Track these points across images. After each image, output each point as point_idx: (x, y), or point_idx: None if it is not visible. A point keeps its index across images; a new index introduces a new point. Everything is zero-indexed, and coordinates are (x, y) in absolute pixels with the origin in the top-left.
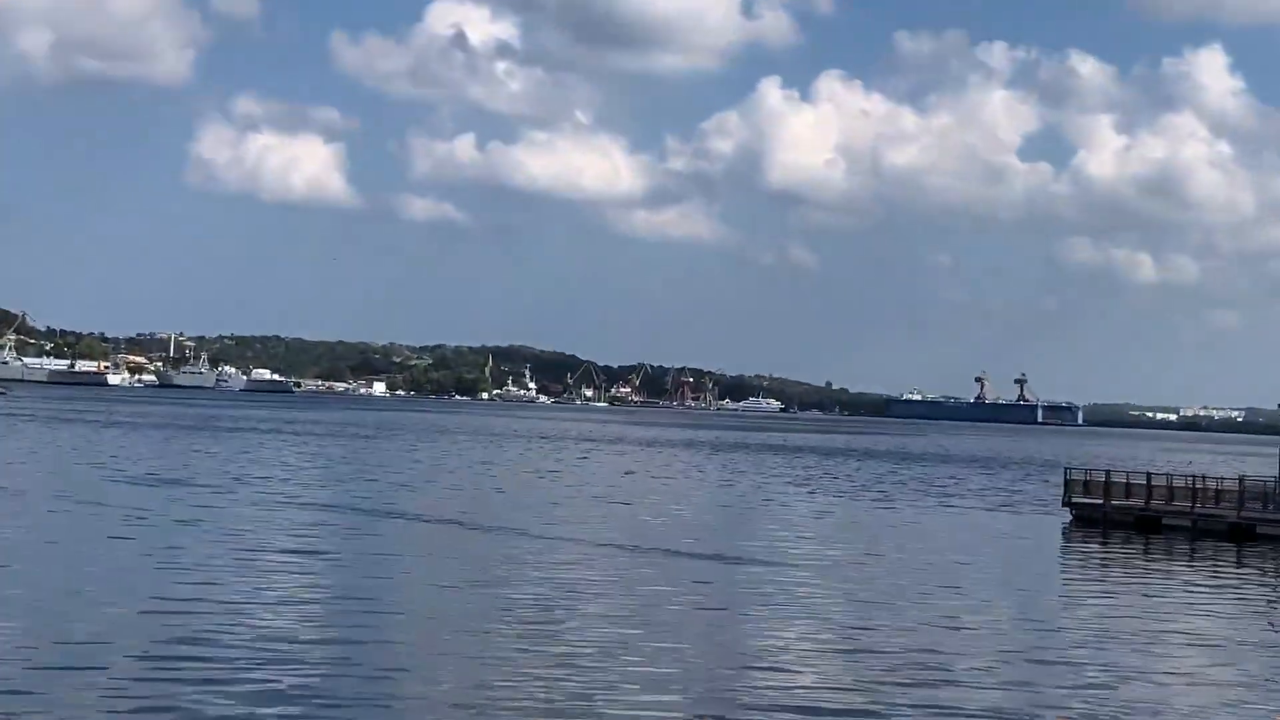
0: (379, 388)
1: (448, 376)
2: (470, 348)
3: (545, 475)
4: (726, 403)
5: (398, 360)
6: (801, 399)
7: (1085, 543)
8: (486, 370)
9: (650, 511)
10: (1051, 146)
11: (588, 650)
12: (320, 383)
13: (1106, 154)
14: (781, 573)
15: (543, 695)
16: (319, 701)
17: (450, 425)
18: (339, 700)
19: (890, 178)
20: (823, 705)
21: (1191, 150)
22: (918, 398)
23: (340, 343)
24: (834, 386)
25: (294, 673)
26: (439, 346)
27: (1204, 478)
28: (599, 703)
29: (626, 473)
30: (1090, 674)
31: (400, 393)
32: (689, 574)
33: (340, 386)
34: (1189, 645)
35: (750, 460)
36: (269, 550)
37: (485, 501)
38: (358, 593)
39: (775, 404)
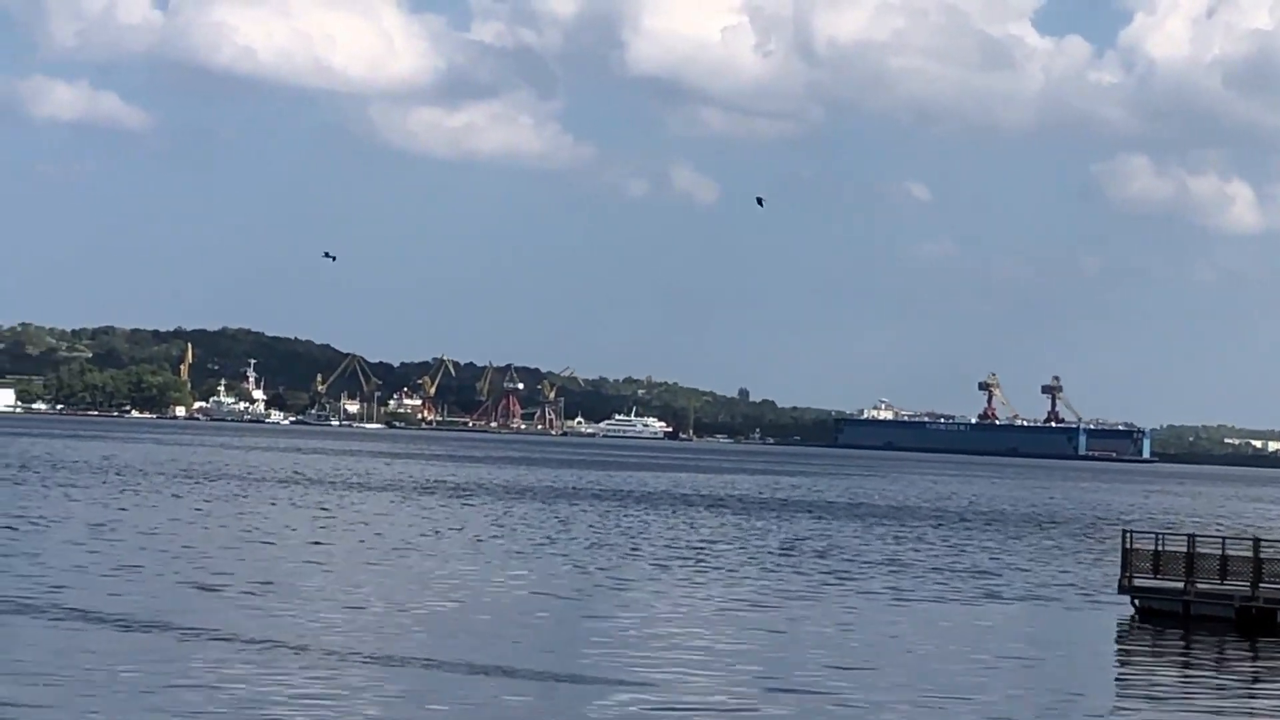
0: (2, 397)
1: (119, 379)
2: (156, 332)
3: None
4: (579, 423)
5: (35, 352)
6: (700, 418)
7: (1157, 654)
8: (184, 369)
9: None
10: (1089, 10)
11: None
12: None
13: (1177, 24)
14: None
15: None
16: None
17: (84, 457)
18: None
19: (830, 59)
20: None
21: None
22: (886, 416)
23: None
24: (753, 398)
25: None
26: (105, 331)
27: None
28: None
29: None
30: None
31: (40, 406)
32: None
33: None
34: None
35: (595, 516)
36: None
37: None
38: None
39: (657, 425)
